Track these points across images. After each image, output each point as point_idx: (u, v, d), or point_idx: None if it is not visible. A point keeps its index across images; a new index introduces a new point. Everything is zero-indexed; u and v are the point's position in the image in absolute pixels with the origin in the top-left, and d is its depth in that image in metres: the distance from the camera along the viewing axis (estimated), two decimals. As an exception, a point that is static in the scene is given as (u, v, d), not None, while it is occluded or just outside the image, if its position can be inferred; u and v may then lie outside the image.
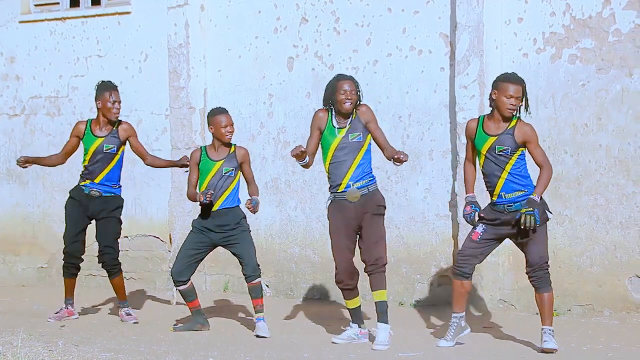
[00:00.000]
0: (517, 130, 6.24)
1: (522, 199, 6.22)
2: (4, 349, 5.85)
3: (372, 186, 6.51)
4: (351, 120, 6.51)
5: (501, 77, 6.33)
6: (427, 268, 8.29)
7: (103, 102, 7.45)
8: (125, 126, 7.55)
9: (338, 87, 6.49)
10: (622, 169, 7.60)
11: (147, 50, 9.55)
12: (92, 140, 7.47)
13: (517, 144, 6.24)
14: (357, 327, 6.66)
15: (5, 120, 10.29)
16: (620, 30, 7.58)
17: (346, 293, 6.62)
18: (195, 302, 7.14)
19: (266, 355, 6.17)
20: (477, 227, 6.36)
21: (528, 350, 6.34)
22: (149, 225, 9.51)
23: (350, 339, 6.62)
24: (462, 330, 6.42)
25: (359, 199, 6.44)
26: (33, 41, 10.10)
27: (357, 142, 6.48)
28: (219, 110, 7.06)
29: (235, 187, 7.03)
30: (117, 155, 7.51)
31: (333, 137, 6.51)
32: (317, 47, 8.76)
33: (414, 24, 8.32)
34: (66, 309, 7.61)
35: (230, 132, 6.99)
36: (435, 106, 8.27)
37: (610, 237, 7.63)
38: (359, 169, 6.47)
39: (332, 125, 6.53)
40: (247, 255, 6.98)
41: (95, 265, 9.71)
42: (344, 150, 6.47)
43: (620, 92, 7.60)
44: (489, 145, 6.26)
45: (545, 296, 6.27)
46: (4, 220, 10.24)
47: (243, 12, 9.10)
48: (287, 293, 8.82)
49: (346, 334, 6.66)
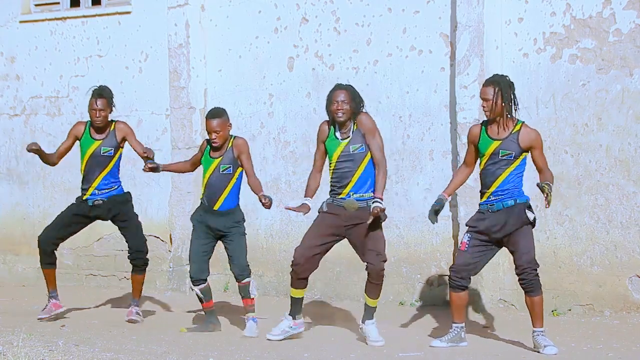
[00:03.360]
0: (521, 135, 6.24)
1: (505, 200, 6.23)
2: (5, 348, 5.85)
3: (371, 201, 6.47)
4: (352, 131, 6.52)
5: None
6: (427, 268, 8.29)
7: (89, 107, 7.45)
8: (120, 125, 7.50)
9: (332, 98, 6.51)
10: (623, 169, 7.60)
11: (148, 50, 9.55)
12: (90, 143, 7.45)
13: (522, 148, 6.24)
14: (292, 319, 6.67)
15: (6, 120, 10.30)
16: (621, 30, 7.58)
17: (296, 282, 6.62)
18: (210, 302, 7.13)
19: (266, 355, 6.17)
20: (463, 237, 6.40)
21: (528, 351, 6.34)
22: (149, 225, 9.47)
23: (285, 333, 6.65)
24: (461, 340, 6.43)
25: (356, 210, 6.46)
26: (33, 41, 10.10)
27: (360, 153, 6.49)
28: (209, 113, 6.95)
29: (234, 186, 6.97)
30: (114, 159, 7.46)
31: (335, 148, 6.53)
32: (318, 47, 8.76)
33: (414, 24, 8.32)
34: (51, 302, 7.55)
35: (215, 139, 6.86)
36: (436, 106, 8.27)
37: (611, 237, 7.63)
38: (361, 180, 6.49)
39: (334, 137, 6.56)
40: (236, 255, 6.96)
41: (95, 265, 9.76)
42: (347, 161, 6.50)
43: (620, 92, 7.60)
44: (493, 149, 6.26)
45: (536, 299, 6.27)
46: (4, 220, 10.24)
47: (243, 12, 9.10)
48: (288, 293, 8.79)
49: (280, 327, 6.67)
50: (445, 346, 6.37)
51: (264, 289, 8.83)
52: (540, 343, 6.22)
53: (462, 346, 6.40)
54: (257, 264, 8.64)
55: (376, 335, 6.51)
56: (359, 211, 6.47)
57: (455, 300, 6.40)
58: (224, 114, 6.94)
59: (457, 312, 6.42)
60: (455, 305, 6.41)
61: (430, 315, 7.78)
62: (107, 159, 7.44)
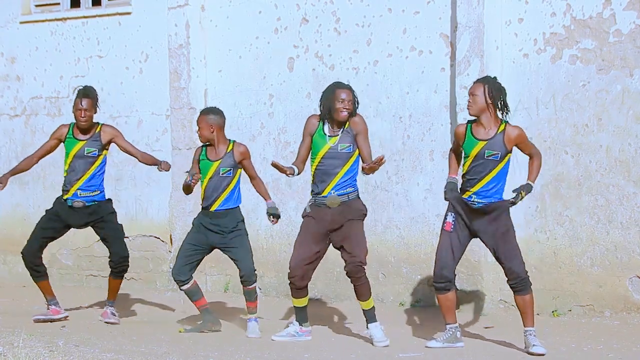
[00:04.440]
0: (506, 134, 6.27)
1: (487, 202, 6.26)
2: (5, 349, 5.85)
3: (353, 194, 6.55)
4: (343, 130, 6.54)
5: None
6: (427, 268, 8.27)
7: (74, 107, 7.41)
8: (107, 129, 7.49)
9: (336, 95, 6.51)
10: (623, 169, 7.60)
11: (148, 50, 9.55)
12: (73, 144, 7.41)
13: (507, 149, 6.26)
14: (299, 325, 6.71)
15: (6, 121, 10.30)
16: (621, 31, 7.58)
17: (295, 292, 6.67)
18: (202, 301, 7.11)
19: (267, 355, 6.17)
20: (447, 217, 6.39)
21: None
22: (149, 225, 9.51)
23: (291, 336, 6.68)
24: (457, 341, 6.43)
25: (339, 205, 6.47)
26: (34, 42, 10.11)
27: (346, 152, 6.52)
28: (202, 111, 7.04)
29: (234, 188, 6.99)
30: (99, 159, 7.42)
31: (322, 144, 6.54)
32: (318, 47, 8.76)
33: (414, 25, 8.32)
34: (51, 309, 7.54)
35: (201, 135, 6.89)
36: (436, 106, 8.27)
37: (611, 238, 7.63)
38: (344, 179, 6.52)
39: (322, 132, 6.56)
40: (243, 260, 6.96)
41: (95, 266, 9.75)
42: (332, 159, 6.51)
43: (620, 93, 7.60)
44: (478, 150, 6.27)
45: (527, 298, 6.28)
46: (5, 221, 10.24)
47: (243, 12, 9.10)
48: (288, 294, 8.78)
49: (286, 331, 6.73)
50: (441, 346, 6.37)
51: (265, 289, 8.83)
52: (530, 342, 6.25)
53: (459, 346, 6.40)
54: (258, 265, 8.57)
55: (381, 336, 6.52)
56: (342, 206, 6.49)
57: (443, 301, 6.40)
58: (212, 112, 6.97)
59: (448, 314, 6.41)
60: (445, 306, 6.40)
61: (430, 315, 7.78)
62: (91, 160, 7.40)
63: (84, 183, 7.40)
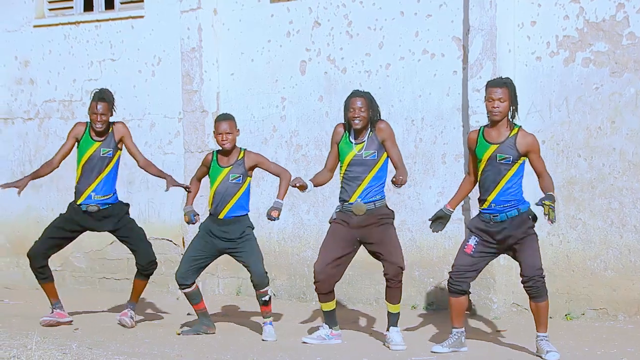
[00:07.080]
0: (519, 139, 6.21)
1: (508, 210, 6.19)
2: (19, 352, 5.87)
3: (380, 202, 6.56)
4: (368, 137, 6.57)
5: (486, 83, 6.35)
6: (439, 272, 8.27)
7: (90, 111, 7.38)
8: (118, 126, 7.43)
9: (349, 104, 6.57)
10: (636, 172, 7.57)
11: (160, 53, 9.57)
12: (89, 144, 7.37)
13: (519, 153, 6.21)
14: (329, 328, 6.72)
15: (20, 124, 10.34)
16: (634, 34, 7.56)
17: (321, 297, 6.68)
18: (201, 305, 7.13)
19: (278, 358, 6.18)
20: (469, 240, 6.34)
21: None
22: (162, 228, 9.52)
23: (321, 339, 6.70)
24: (461, 345, 6.41)
25: (364, 213, 6.49)
26: (47, 45, 10.15)
27: (372, 159, 6.54)
28: (220, 116, 7.04)
29: (243, 195, 6.97)
30: (113, 160, 7.39)
31: (348, 151, 6.58)
32: (330, 50, 8.76)
33: (426, 28, 8.32)
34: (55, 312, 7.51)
35: (227, 141, 6.88)
36: (448, 109, 8.26)
37: (624, 241, 7.60)
38: (370, 186, 6.54)
39: (348, 140, 6.61)
40: (253, 264, 6.95)
41: (108, 269, 9.78)
42: (358, 166, 6.54)
43: (634, 96, 7.57)
44: (490, 153, 6.24)
45: (542, 305, 6.23)
46: (18, 224, 10.28)
47: (256, 15, 9.11)
48: (300, 297, 8.81)
49: (317, 333, 6.74)
50: (446, 351, 6.34)
51: (277, 292, 8.83)
52: (543, 348, 6.20)
53: (463, 351, 6.38)
54: (270, 268, 8.59)
55: (400, 341, 6.54)
56: (367, 215, 6.50)
57: (454, 305, 6.36)
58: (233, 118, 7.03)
59: (457, 318, 6.38)
60: (455, 310, 6.37)
61: (442, 319, 7.76)
62: (106, 161, 7.36)
63: (97, 185, 7.38)
